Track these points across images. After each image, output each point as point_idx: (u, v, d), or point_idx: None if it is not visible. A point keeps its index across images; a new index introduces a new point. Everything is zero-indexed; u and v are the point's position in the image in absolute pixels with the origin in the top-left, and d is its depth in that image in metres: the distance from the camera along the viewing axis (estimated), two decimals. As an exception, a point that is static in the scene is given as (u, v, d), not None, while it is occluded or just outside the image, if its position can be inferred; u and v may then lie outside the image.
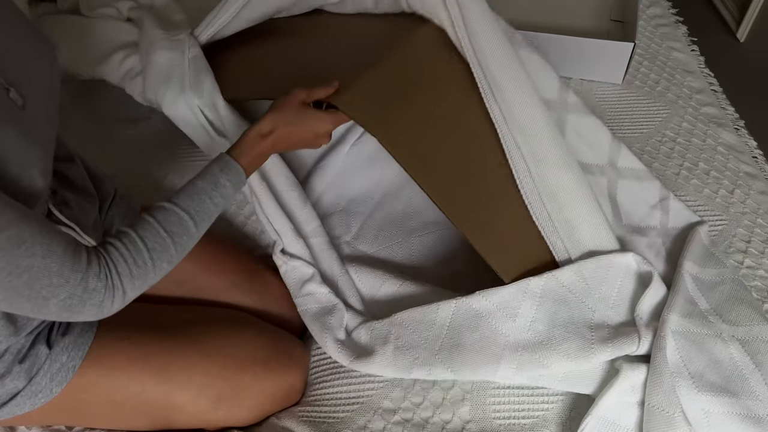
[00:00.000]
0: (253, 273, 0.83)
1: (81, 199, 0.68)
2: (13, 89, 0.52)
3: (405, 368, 0.73)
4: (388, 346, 0.74)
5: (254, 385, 0.71)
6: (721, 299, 0.77)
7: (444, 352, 0.72)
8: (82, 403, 0.67)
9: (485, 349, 0.71)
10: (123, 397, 0.67)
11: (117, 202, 0.79)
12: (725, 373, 0.70)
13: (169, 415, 0.69)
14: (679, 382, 0.68)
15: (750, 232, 0.90)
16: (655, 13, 1.31)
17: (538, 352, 0.70)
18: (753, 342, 0.72)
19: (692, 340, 0.71)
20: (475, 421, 0.72)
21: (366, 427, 0.72)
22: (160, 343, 0.69)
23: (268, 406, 0.73)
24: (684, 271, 0.78)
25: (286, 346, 0.76)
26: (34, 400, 0.64)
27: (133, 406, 0.68)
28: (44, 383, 0.64)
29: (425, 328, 0.75)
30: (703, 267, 0.80)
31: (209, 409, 0.69)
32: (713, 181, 0.97)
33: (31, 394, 0.63)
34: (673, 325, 0.71)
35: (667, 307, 0.73)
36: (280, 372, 0.73)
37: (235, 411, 0.70)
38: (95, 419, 0.70)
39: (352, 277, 0.85)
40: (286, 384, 0.73)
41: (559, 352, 0.70)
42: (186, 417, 0.70)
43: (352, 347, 0.76)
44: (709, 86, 1.14)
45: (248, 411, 0.71)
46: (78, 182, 0.69)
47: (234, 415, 0.71)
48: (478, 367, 0.71)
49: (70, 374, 0.65)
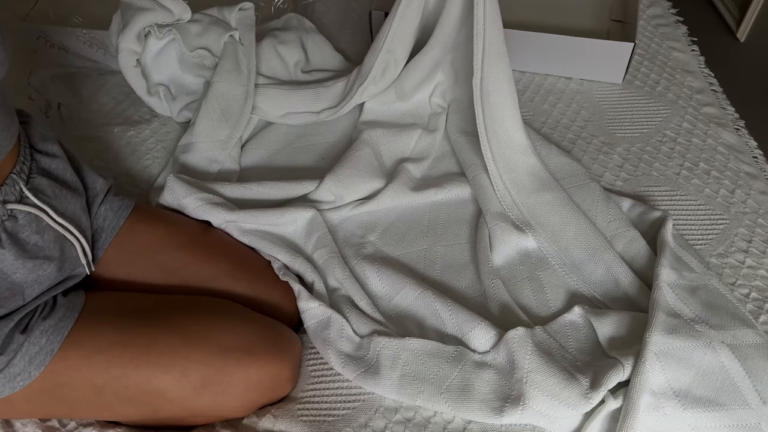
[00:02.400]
0: (244, 260, 0.83)
1: (61, 188, 0.69)
2: None
3: (409, 397, 0.73)
4: (395, 371, 0.74)
5: (238, 372, 0.69)
6: (702, 305, 0.76)
7: (450, 393, 0.72)
8: (63, 387, 0.67)
9: (492, 401, 0.71)
10: (104, 381, 0.67)
11: (109, 199, 0.79)
12: (715, 384, 0.69)
13: (152, 402, 0.69)
14: (663, 404, 0.68)
15: (751, 231, 0.90)
16: (655, 13, 1.31)
17: (540, 404, 0.70)
18: (741, 347, 0.71)
19: (678, 358, 0.70)
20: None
21: (367, 425, 0.72)
22: (141, 327, 0.69)
23: (255, 395, 0.72)
24: (662, 282, 0.77)
25: (273, 334, 0.75)
26: (12, 383, 0.64)
27: (115, 391, 0.67)
28: (22, 365, 0.64)
29: (436, 363, 0.74)
30: (679, 272, 0.79)
31: (192, 395, 0.68)
32: (714, 181, 0.97)
33: (9, 376, 0.64)
34: (655, 346, 0.70)
35: (648, 327, 0.72)
36: (265, 360, 0.71)
37: (220, 399, 0.69)
38: (80, 406, 0.69)
39: (368, 278, 0.84)
40: (272, 373, 0.72)
41: (559, 401, 0.69)
42: (170, 404, 0.69)
43: (358, 360, 0.75)
44: (709, 86, 1.14)
45: (235, 399, 0.70)
46: (59, 175, 0.71)
47: (220, 403, 0.70)
48: (483, 414, 0.71)
49: (48, 357, 0.65)
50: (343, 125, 1.08)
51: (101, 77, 1.16)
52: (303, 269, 0.84)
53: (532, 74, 1.17)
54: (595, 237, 0.86)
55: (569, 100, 1.12)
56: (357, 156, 0.96)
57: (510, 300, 0.82)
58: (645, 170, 0.99)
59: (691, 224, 0.91)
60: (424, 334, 0.79)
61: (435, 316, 0.79)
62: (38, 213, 0.65)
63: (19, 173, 0.65)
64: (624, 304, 0.81)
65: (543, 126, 1.07)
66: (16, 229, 0.64)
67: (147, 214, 0.83)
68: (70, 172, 0.73)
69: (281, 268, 0.83)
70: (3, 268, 0.63)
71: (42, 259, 0.67)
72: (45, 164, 0.70)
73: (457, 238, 0.91)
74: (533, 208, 0.90)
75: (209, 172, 0.97)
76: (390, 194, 0.94)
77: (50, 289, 0.69)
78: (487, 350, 0.75)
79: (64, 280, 0.72)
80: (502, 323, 0.79)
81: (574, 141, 1.05)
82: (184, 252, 0.80)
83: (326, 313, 0.79)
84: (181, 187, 0.86)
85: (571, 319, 0.78)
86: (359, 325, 0.78)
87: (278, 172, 1.01)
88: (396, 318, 0.81)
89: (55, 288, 0.70)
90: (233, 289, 0.80)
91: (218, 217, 0.85)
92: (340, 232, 0.91)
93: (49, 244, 0.67)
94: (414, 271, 0.88)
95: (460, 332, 0.77)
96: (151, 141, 1.06)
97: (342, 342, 0.77)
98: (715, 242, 0.89)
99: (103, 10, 1.17)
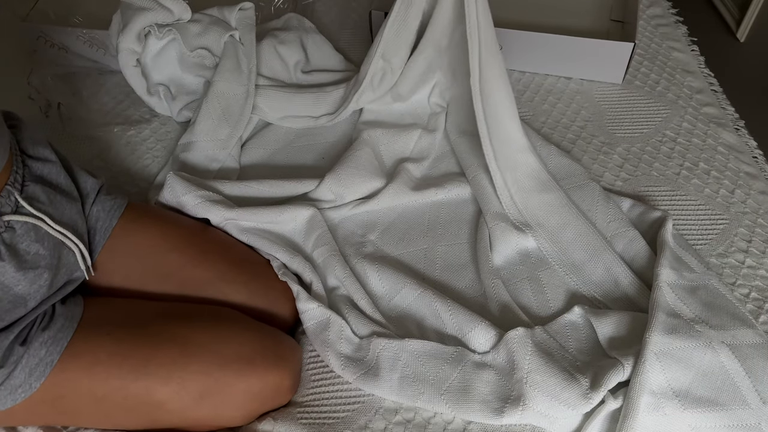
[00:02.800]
0: (241, 262, 0.82)
1: (55, 193, 0.69)
2: None
3: (409, 398, 0.73)
4: (394, 373, 0.74)
5: (238, 383, 0.69)
6: (702, 305, 0.76)
7: (450, 394, 0.72)
8: (64, 398, 0.66)
9: (492, 402, 0.71)
10: (104, 393, 0.66)
11: (101, 198, 0.78)
12: (716, 384, 0.69)
13: (152, 412, 0.68)
14: (663, 405, 0.68)
15: (751, 231, 0.90)
16: (655, 13, 1.31)
17: (540, 404, 0.70)
18: (741, 347, 0.71)
19: (678, 358, 0.70)
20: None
21: (367, 426, 0.72)
22: (140, 338, 0.69)
23: (256, 405, 0.71)
24: (662, 282, 0.77)
25: (273, 343, 0.74)
26: (14, 395, 0.64)
27: (115, 402, 0.67)
28: (23, 377, 0.64)
29: (436, 364, 0.74)
30: (679, 272, 0.79)
31: (192, 406, 0.68)
32: (714, 181, 0.97)
33: (10, 388, 0.64)
34: (655, 346, 0.70)
35: (648, 327, 0.72)
36: (266, 370, 0.71)
37: (220, 409, 0.69)
38: (81, 416, 0.69)
39: (368, 278, 0.84)
40: (273, 382, 0.71)
41: (559, 401, 0.69)
42: (169, 415, 0.69)
43: (357, 362, 0.75)
44: (709, 86, 1.14)
45: (235, 409, 0.70)
46: (53, 180, 0.70)
47: (219, 413, 0.70)
48: (483, 414, 0.71)
49: (48, 368, 0.65)
50: (343, 125, 1.08)
51: (101, 77, 1.16)
52: (301, 269, 0.83)
53: (532, 74, 1.17)
54: (595, 237, 0.86)
55: (569, 100, 1.12)
56: (357, 155, 0.96)
57: (510, 300, 0.82)
58: (645, 170, 0.99)
59: (691, 224, 0.91)
60: (424, 335, 0.79)
61: (435, 316, 0.79)
62: (35, 222, 0.65)
63: (13, 183, 0.64)
64: (624, 305, 0.81)
65: (543, 126, 1.07)
66: (15, 240, 0.64)
67: (140, 213, 0.81)
68: (64, 175, 0.72)
69: (280, 267, 0.83)
70: (4, 281, 0.63)
71: (43, 268, 0.66)
72: (38, 170, 0.69)
73: (457, 237, 0.91)
74: (533, 209, 0.90)
75: (209, 170, 0.97)
76: (390, 194, 0.94)
77: (50, 297, 0.69)
78: (487, 350, 0.75)
79: (63, 286, 0.71)
80: (502, 323, 0.79)
81: (574, 141, 1.05)
82: (178, 253, 0.79)
83: (325, 314, 0.78)
84: (180, 185, 0.86)
85: (571, 319, 0.78)
86: (358, 326, 0.78)
87: (278, 171, 1.01)
88: (396, 318, 0.81)
89: (55, 295, 0.70)
90: (229, 292, 0.79)
91: (217, 215, 0.85)
92: (340, 231, 0.91)
93: (49, 252, 0.67)
94: (414, 270, 0.88)
95: (460, 332, 0.77)
96: (151, 140, 1.06)
97: (341, 344, 0.77)
98: (714, 242, 0.89)
99: (103, 10, 1.17)
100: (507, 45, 1.14)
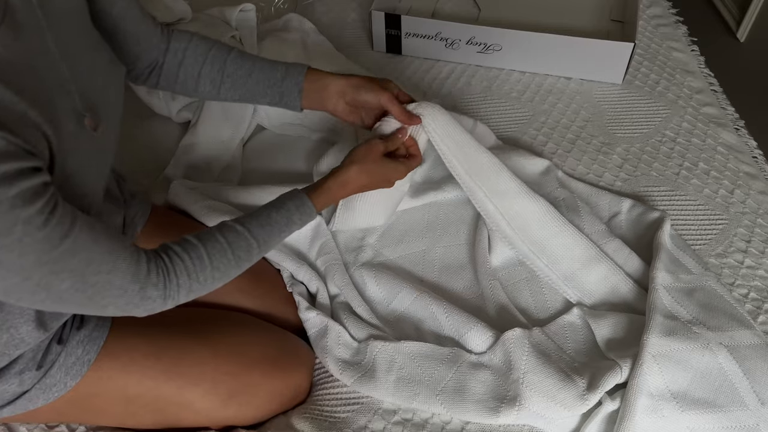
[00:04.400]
0: (258, 275, 0.83)
1: (109, 203, 0.70)
2: (88, 115, 0.55)
3: (405, 400, 0.73)
4: (390, 374, 0.74)
5: (263, 384, 0.71)
6: (699, 306, 0.76)
7: (445, 395, 0.72)
8: (96, 397, 0.67)
9: (487, 402, 0.71)
10: (136, 392, 0.67)
11: (133, 201, 0.79)
12: (714, 385, 0.69)
13: (178, 412, 0.69)
14: (661, 406, 0.68)
15: (750, 231, 0.90)
16: (655, 13, 1.31)
17: (535, 404, 0.70)
18: (738, 348, 0.72)
19: (676, 360, 0.70)
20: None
21: (366, 427, 0.72)
22: (172, 340, 0.70)
23: (276, 405, 0.73)
24: (658, 285, 0.77)
25: (293, 345, 0.77)
26: (48, 394, 0.64)
27: (146, 402, 0.68)
28: (59, 377, 0.64)
29: (432, 365, 0.75)
30: (675, 275, 0.79)
31: (219, 407, 0.69)
32: (713, 181, 0.97)
33: (45, 387, 0.64)
34: (653, 348, 0.70)
35: (646, 329, 0.72)
36: (288, 371, 0.73)
37: (244, 409, 0.71)
38: (105, 415, 0.70)
39: (366, 285, 0.84)
40: (294, 383, 0.74)
41: (556, 402, 0.70)
42: (195, 415, 0.70)
43: (355, 366, 0.76)
44: (709, 86, 1.14)
45: (256, 409, 0.72)
46: (109, 187, 0.71)
47: (242, 414, 0.71)
48: (478, 414, 0.71)
49: (85, 367, 0.65)
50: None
51: (102, 77, 1.16)
52: (308, 278, 0.84)
53: (532, 74, 1.17)
54: (587, 246, 0.85)
55: (569, 100, 1.12)
56: None
57: (507, 301, 0.82)
58: (644, 170, 1.00)
59: (690, 224, 0.91)
60: (422, 337, 0.79)
61: (432, 319, 0.79)
62: None
63: None
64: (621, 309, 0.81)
65: (543, 126, 1.08)
66: None
67: (162, 219, 0.82)
68: (114, 183, 0.73)
69: (289, 278, 0.84)
70: None
71: None
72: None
73: (455, 238, 0.91)
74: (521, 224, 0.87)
75: (211, 172, 0.98)
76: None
77: None
78: (483, 351, 0.75)
79: None
80: (499, 325, 0.79)
81: (574, 141, 1.05)
82: None
83: (323, 321, 0.79)
84: (186, 194, 0.87)
85: (570, 320, 0.79)
86: (356, 330, 0.79)
87: (279, 175, 1.01)
88: (394, 322, 0.82)
89: None
90: (245, 305, 0.80)
91: None
92: (341, 236, 0.91)
93: None
94: (412, 273, 0.88)
95: (457, 334, 0.77)
96: (151, 140, 1.06)
97: (339, 349, 0.77)
98: (714, 242, 0.89)
99: (103, 10, 1.17)
100: (507, 45, 1.14)
